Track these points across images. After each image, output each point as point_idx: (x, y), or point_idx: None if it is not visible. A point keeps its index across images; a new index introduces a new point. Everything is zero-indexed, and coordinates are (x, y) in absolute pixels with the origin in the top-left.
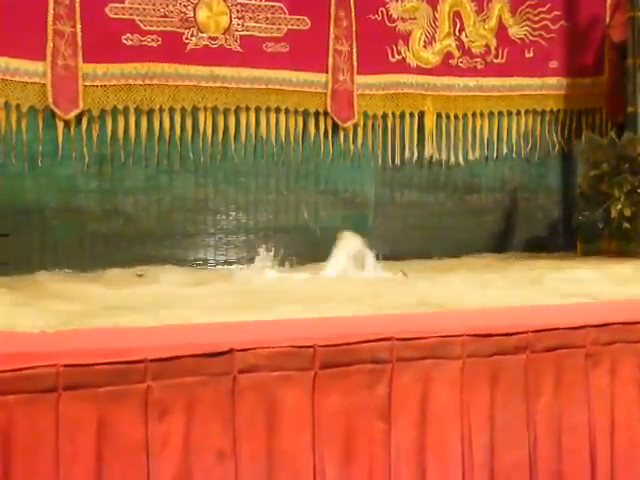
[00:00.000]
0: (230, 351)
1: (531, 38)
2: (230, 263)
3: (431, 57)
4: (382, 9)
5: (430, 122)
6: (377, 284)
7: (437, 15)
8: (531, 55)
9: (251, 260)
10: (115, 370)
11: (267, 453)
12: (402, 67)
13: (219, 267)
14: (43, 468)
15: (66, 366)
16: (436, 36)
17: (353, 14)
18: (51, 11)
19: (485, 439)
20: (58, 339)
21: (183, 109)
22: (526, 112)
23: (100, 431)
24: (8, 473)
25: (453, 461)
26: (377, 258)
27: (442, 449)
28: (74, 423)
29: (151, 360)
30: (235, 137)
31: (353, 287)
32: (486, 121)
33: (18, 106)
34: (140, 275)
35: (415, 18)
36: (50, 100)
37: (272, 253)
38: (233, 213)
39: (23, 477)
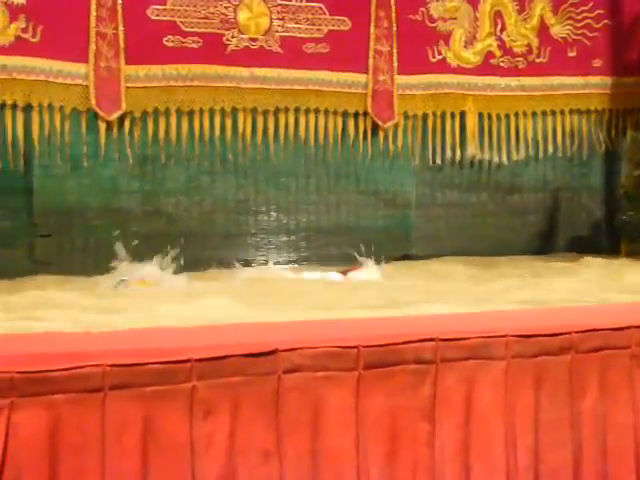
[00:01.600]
0: (275, 351)
1: (574, 37)
2: (270, 263)
3: (472, 57)
4: (422, 9)
5: (471, 122)
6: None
7: (478, 15)
8: (574, 54)
9: (292, 261)
10: (161, 370)
11: (311, 453)
12: (443, 67)
13: (261, 267)
14: (89, 467)
15: (112, 366)
16: (477, 36)
17: (394, 14)
18: (93, 13)
19: (529, 440)
20: (104, 339)
21: (223, 110)
22: (569, 111)
23: (146, 430)
24: (55, 471)
25: (497, 462)
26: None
27: (486, 450)
28: (120, 422)
29: (196, 360)
30: (275, 138)
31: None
32: (528, 121)
33: (61, 108)
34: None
35: (456, 18)
36: (93, 102)
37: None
38: (274, 214)
39: (70, 475)
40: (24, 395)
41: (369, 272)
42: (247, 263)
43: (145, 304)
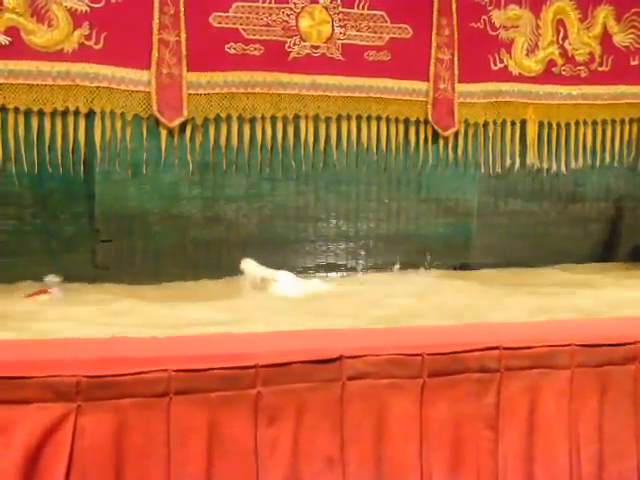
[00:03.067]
0: (339, 358)
1: (636, 46)
2: (330, 270)
3: (533, 65)
4: (484, 17)
5: (532, 131)
6: None
7: (540, 23)
8: (636, 63)
9: (350, 269)
10: (226, 375)
11: (375, 460)
12: (504, 75)
13: (319, 274)
14: (155, 470)
15: (178, 371)
16: (539, 44)
17: (455, 22)
18: (156, 20)
19: (593, 450)
20: (169, 344)
21: (285, 117)
22: (630, 120)
23: (211, 435)
24: (120, 475)
25: (561, 472)
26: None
27: (550, 459)
28: (185, 427)
29: (261, 366)
30: (337, 145)
31: None
32: (590, 129)
33: (123, 114)
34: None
35: (518, 26)
36: (155, 108)
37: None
38: (334, 221)
39: (135, 478)
40: (91, 399)
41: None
42: (305, 270)
43: None
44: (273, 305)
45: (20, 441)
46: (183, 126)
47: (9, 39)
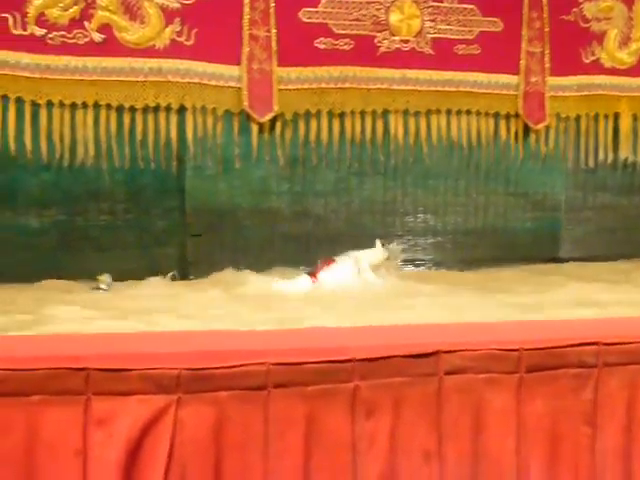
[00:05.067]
0: (437, 353)
1: None
2: (418, 265)
3: (626, 57)
4: (575, 9)
5: (625, 124)
6: None
7: (632, 15)
8: None
9: (437, 263)
10: (323, 369)
11: (472, 454)
12: (596, 68)
13: (407, 269)
14: (253, 463)
15: (275, 364)
16: (631, 36)
17: (546, 15)
18: (246, 16)
19: None
20: (267, 338)
21: (374, 112)
22: None
23: (308, 428)
24: (219, 466)
25: None
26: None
27: None
28: (283, 420)
29: (359, 360)
30: (426, 140)
31: None
32: None
33: (214, 110)
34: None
35: (610, 18)
36: (246, 103)
37: None
38: (421, 215)
39: (234, 471)
40: (190, 392)
41: (344, 270)
42: None
43: None
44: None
45: (122, 433)
46: (273, 121)
47: (102, 36)
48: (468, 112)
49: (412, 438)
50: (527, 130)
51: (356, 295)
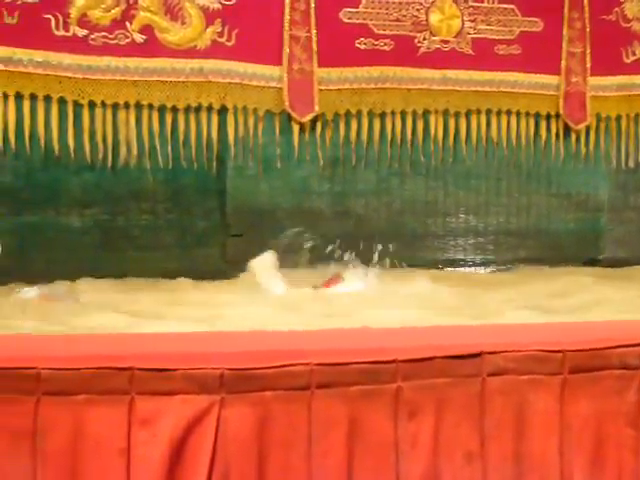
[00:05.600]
0: (480, 354)
1: None
2: (459, 265)
3: None
4: (617, 9)
5: None
6: None
7: None
8: None
9: (478, 264)
10: (366, 369)
11: (515, 455)
12: (637, 68)
13: (448, 269)
14: (296, 462)
15: (319, 365)
16: None
17: (587, 15)
18: (287, 17)
19: None
20: (310, 338)
21: (415, 112)
22: None
23: (351, 429)
24: (263, 466)
25: None
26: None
27: None
28: (326, 420)
29: (401, 361)
30: (466, 140)
31: None
32: None
33: (255, 110)
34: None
35: None
36: (286, 104)
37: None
38: (463, 216)
39: (277, 471)
40: (234, 392)
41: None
42: (434, 264)
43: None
44: None
45: (166, 432)
46: (314, 121)
47: (144, 37)
48: (508, 112)
49: (455, 439)
50: (568, 130)
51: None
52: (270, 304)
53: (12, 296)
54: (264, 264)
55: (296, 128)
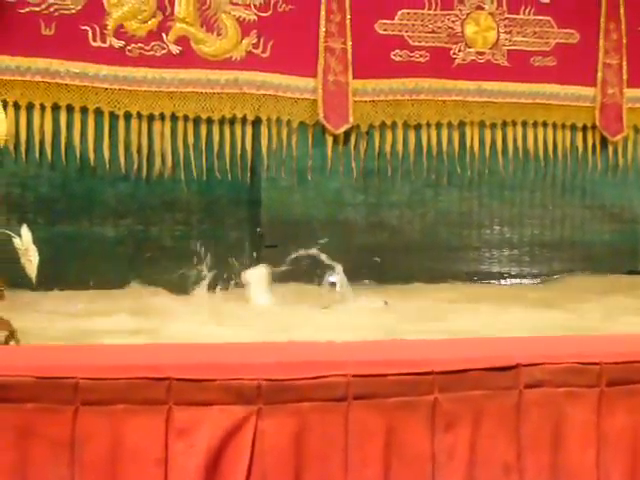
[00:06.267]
0: (517, 366)
1: None
2: (493, 277)
3: None
4: None
5: None
6: None
7: None
8: None
9: (513, 276)
10: (403, 381)
11: (552, 468)
12: None
13: (483, 281)
14: (333, 473)
15: (356, 376)
16: None
17: (623, 26)
18: (323, 28)
19: None
20: (347, 349)
21: (450, 124)
22: None
23: (388, 440)
24: (300, 476)
25: None
26: None
27: None
28: (363, 431)
29: (438, 372)
30: (502, 151)
31: None
32: None
33: (289, 121)
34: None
35: None
36: (321, 115)
37: None
38: (498, 227)
39: None
40: (271, 402)
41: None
42: (469, 277)
43: None
44: None
45: (203, 442)
46: (348, 133)
47: (179, 48)
48: (544, 124)
49: (492, 451)
50: (604, 142)
51: None
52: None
53: None
54: (256, 277)
55: (330, 140)
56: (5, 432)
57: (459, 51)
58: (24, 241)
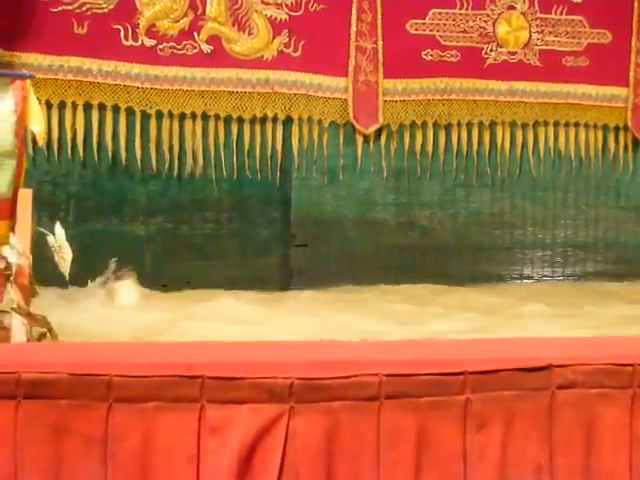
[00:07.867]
0: (549, 367)
1: None
2: (526, 278)
3: None
4: None
5: None
6: None
7: None
8: None
9: (545, 276)
10: (435, 381)
11: (584, 469)
12: None
13: (516, 282)
14: (365, 473)
15: (388, 375)
16: None
17: None
18: (354, 28)
19: None
20: (379, 348)
21: (481, 124)
22: None
23: (419, 440)
24: (332, 475)
25: None
26: None
27: None
28: (395, 431)
29: (470, 372)
30: (533, 152)
31: None
32: None
33: (320, 121)
34: None
35: None
36: (351, 115)
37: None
38: (530, 228)
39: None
40: (303, 401)
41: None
42: (501, 278)
43: None
44: None
45: (235, 440)
46: (378, 132)
47: (211, 47)
48: (576, 124)
49: (523, 452)
50: (637, 143)
51: None
52: None
53: None
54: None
55: (360, 139)
56: (40, 428)
57: (491, 51)
58: (58, 238)
